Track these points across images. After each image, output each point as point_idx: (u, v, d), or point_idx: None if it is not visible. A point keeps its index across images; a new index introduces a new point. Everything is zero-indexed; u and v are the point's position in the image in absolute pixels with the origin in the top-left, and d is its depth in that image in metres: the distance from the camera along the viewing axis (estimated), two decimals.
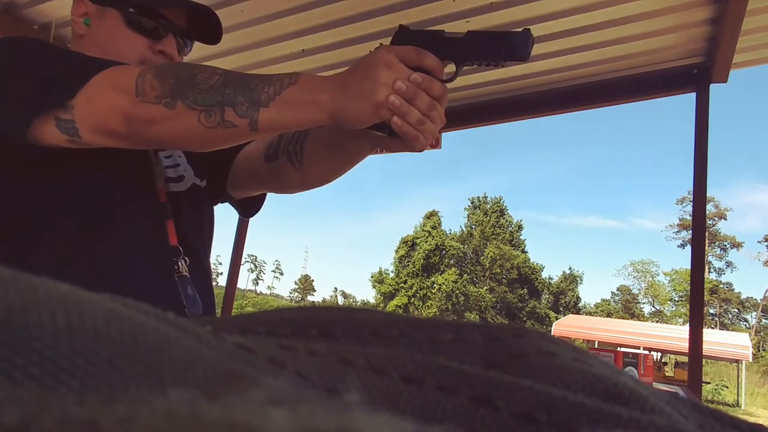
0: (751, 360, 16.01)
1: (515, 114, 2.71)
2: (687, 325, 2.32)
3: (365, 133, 0.79)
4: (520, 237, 33.12)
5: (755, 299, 36.41)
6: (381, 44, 0.77)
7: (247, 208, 1.16)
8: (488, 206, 33.74)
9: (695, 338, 2.10)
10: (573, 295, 34.17)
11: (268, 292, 65.55)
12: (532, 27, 2.11)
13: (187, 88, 0.71)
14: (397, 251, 33.06)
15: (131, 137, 0.75)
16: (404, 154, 3.13)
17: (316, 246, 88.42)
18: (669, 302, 36.78)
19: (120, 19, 0.91)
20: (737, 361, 15.66)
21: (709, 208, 35.17)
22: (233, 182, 1.07)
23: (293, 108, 0.70)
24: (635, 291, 38.78)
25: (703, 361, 2.18)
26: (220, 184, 1.07)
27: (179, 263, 0.89)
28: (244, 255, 5.43)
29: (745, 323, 36.80)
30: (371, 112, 0.69)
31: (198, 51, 2.42)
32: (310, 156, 0.95)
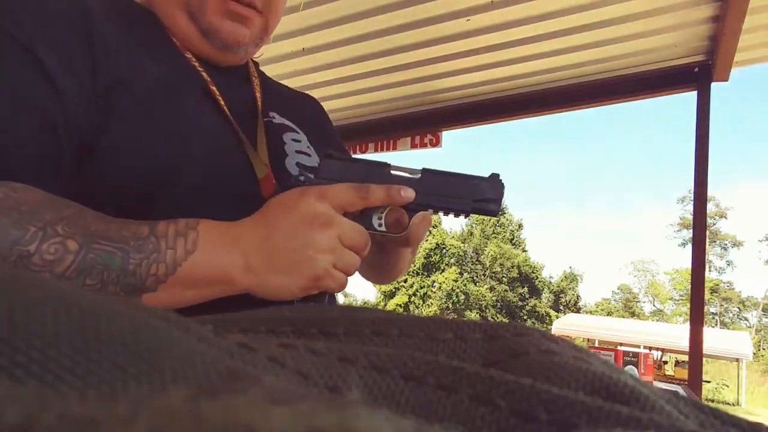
0: (751, 359, 16.03)
1: (515, 112, 2.71)
2: (687, 324, 2.32)
3: (395, 244, 0.64)
4: (521, 236, 33.10)
5: (756, 298, 36.39)
6: (304, 177, 0.58)
7: None
8: None
9: (696, 337, 2.11)
10: (573, 294, 34.13)
11: None
12: (533, 26, 2.14)
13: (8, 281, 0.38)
14: None
15: None
16: (404, 154, 3.13)
17: None
18: (669, 301, 36.78)
19: None
20: (738, 360, 15.66)
21: (710, 207, 35.17)
22: None
23: (193, 287, 0.50)
24: (636, 290, 38.78)
25: (704, 359, 2.18)
26: None
27: None
28: None
29: (745, 322, 36.78)
30: (306, 287, 0.52)
31: None
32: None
